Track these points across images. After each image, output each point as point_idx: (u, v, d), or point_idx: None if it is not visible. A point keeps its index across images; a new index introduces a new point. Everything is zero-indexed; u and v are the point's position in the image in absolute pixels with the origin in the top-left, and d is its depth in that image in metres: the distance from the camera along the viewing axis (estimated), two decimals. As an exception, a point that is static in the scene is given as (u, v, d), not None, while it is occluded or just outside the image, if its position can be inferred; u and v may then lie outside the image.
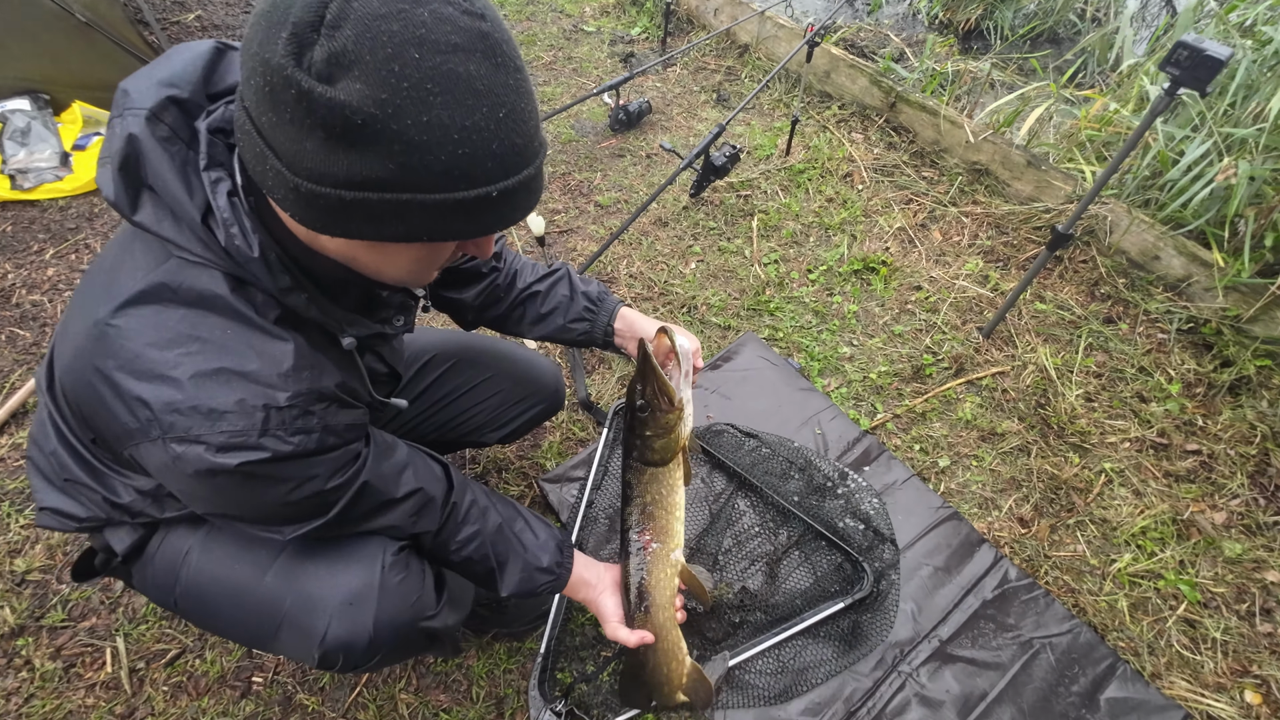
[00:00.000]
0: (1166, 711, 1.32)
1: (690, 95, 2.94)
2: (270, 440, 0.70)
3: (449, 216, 0.60)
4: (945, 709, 1.32)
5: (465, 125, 0.56)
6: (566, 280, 1.24)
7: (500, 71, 0.57)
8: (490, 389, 1.34)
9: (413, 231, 0.61)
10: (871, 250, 2.24)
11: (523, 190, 0.63)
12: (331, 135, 0.54)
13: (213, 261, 0.68)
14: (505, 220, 0.65)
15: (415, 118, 0.54)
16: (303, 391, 0.72)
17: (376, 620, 0.90)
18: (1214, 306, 1.96)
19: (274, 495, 0.75)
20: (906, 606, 1.46)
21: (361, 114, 0.53)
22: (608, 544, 1.54)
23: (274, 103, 0.55)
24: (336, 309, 0.77)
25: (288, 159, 0.57)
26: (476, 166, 0.58)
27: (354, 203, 0.58)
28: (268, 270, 0.69)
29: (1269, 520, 1.64)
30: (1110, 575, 1.55)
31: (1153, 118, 1.34)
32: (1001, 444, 1.77)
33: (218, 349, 0.68)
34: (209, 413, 0.67)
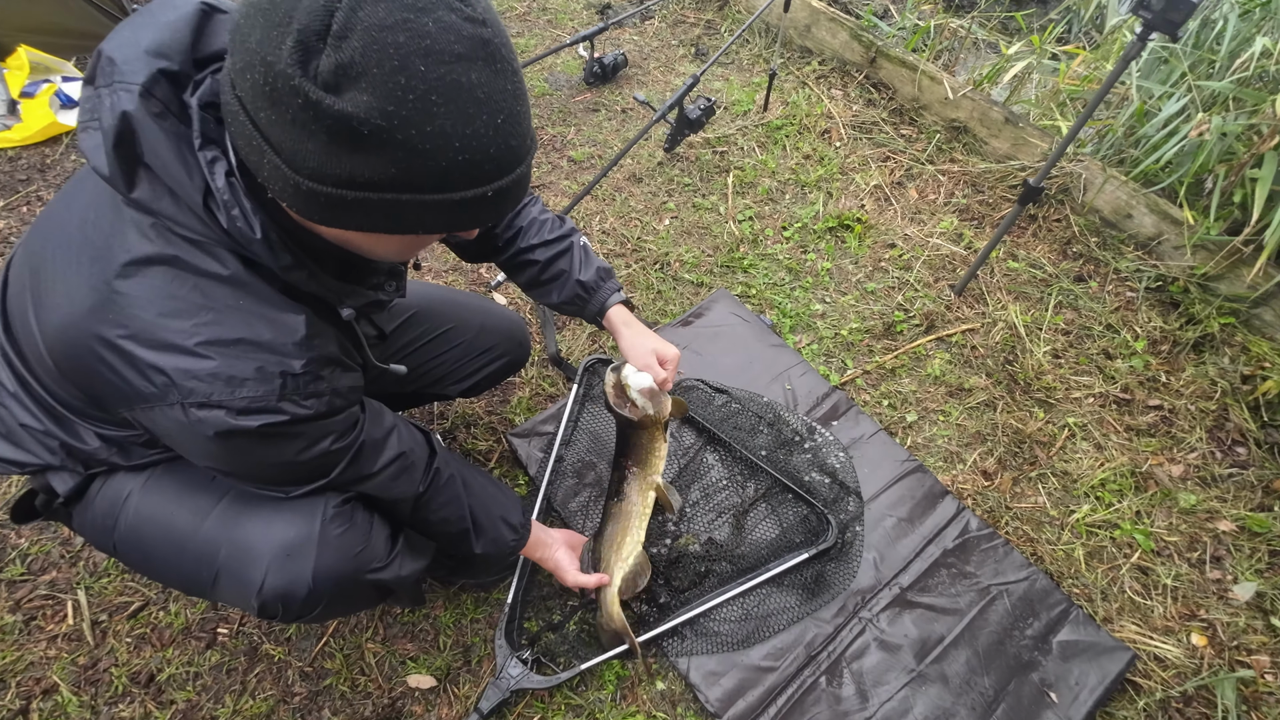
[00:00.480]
0: (1115, 653, 1.36)
1: (668, 49, 2.87)
2: (288, 404, 0.73)
3: (444, 213, 0.62)
4: (903, 652, 1.36)
5: (466, 133, 0.57)
6: (568, 256, 1.23)
7: (499, 77, 0.58)
8: (451, 340, 1.32)
9: (408, 226, 0.63)
10: (847, 208, 2.22)
11: (514, 187, 0.65)
12: (335, 140, 0.55)
13: (217, 240, 0.69)
14: (497, 214, 0.67)
15: (420, 127, 0.55)
16: (314, 358, 0.75)
17: (315, 572, 0.90)
18: (1182, 265, 1.98)
19: (286, 455, 0.78)
20: (869, 555, 1.48)
21: (368, 125, 0.54)
22: (575, 496, 1.55)
23: (274, 103, 0.55)
24: (334, 281, 0.78)
25: (287, 156, 0.57)
26: (474, 169, 0.60)
27: (354, 202, 0.59)
28: (270, 250, 0.69)
29: (1223, 473, 1.68)
30: (1069, 525, 1.58)
31: (1125, 64, 1.32)
32: (969, 399, 1.79)
33: (233, 319, 0.70)
34: (229, 379, 0.69)
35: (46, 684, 1.31)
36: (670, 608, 1.39)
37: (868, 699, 1.30)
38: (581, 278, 1.21)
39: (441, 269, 2.03)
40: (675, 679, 1.36)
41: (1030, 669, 1.34)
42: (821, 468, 1.59)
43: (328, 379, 0.77)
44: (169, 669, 1.33)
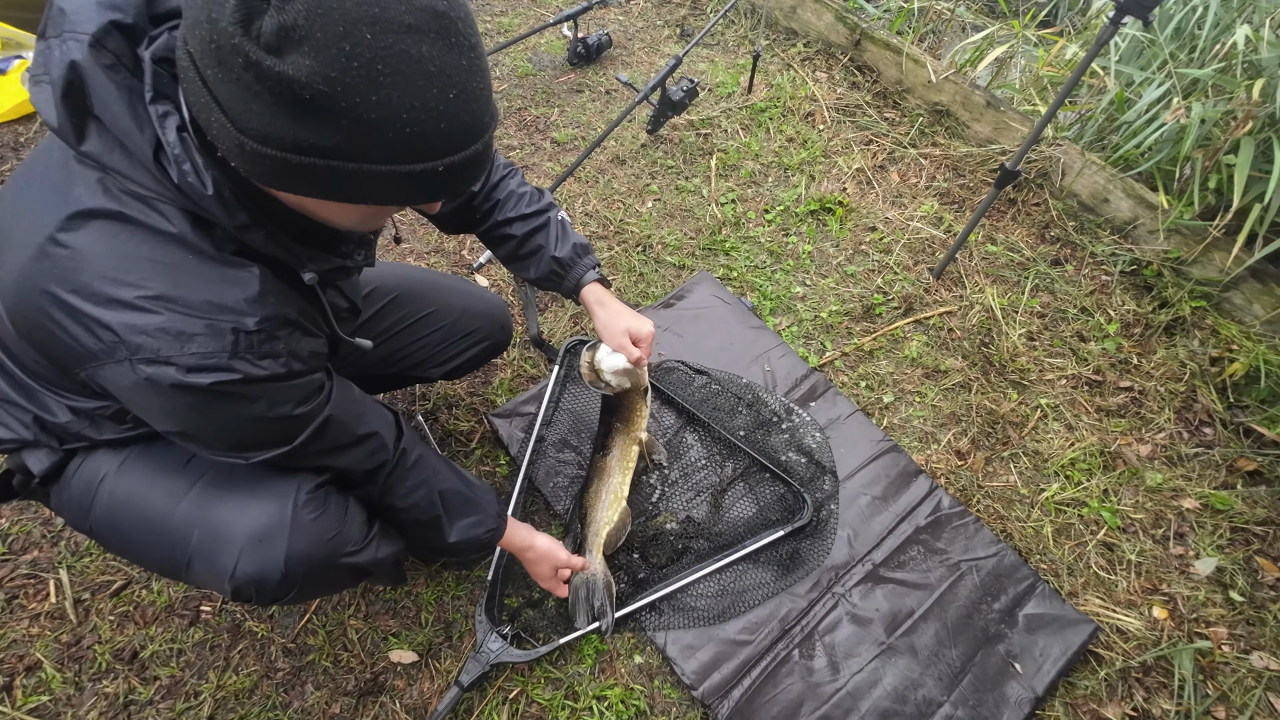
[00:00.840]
0: (1079, 625, 1.40)
1: (653, 30, 2.85)
2: (241, 363, 0.71)
3: (394, 186, 0.62)
4: (874, 625, 1.39)
5: (415, 105, 0.56)
6: (545, 232, 1.23)
7: (454, 52, 0.58)
8: (433, 323, 1.33)
9: (358, 195, 0.63)
10: (829, 191, 2.23)
11: (469, 164, 0.65)
12: (279, 103, 0.54)
13: (167, 197, 0.67)
14: (452, 191, 0.67)
15: (364, 96, 0.54)
16: (269, 316, 0.73)
17: (289, 556, 0.90)
18: (1156, 249, 2.01)
19: (242, 416, 0.76)
20: (844, 533, 1.51)
21: (310, 90, 0.53)
22: (556, 474, 1.57)
23: (220, 61, 0.54)
24: (295, 245, 0.76)
25: (233, 116, 0.57)
26: (424, 143, 0.59)
27: (300, 166, 0.58)
28: (223, 207, 0.68)
29: (1190, 452, 1.73)
30: (1038, 503, 1.62)
31: (1098, 47, 1.34)
32: (944, 381, 1.82)
33: (182, 275, 0.68)
34: (178, 335, 0.67)
35: (30, 661, 1.32)
36: (648, 583, 1.42)
37: (839, 671, 1.34)
38: (557, 254, 1.22)
39: (424, 250, 2.03)
40: (653, 652, 1.39)
41: (996, 641, 1.38)
42: (799, 448, 1.62)
43: (285, 340, 0.75)
44: (152, 646, 1.35)
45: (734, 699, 1.30)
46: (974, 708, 1.30)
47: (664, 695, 1.35)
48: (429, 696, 1.33)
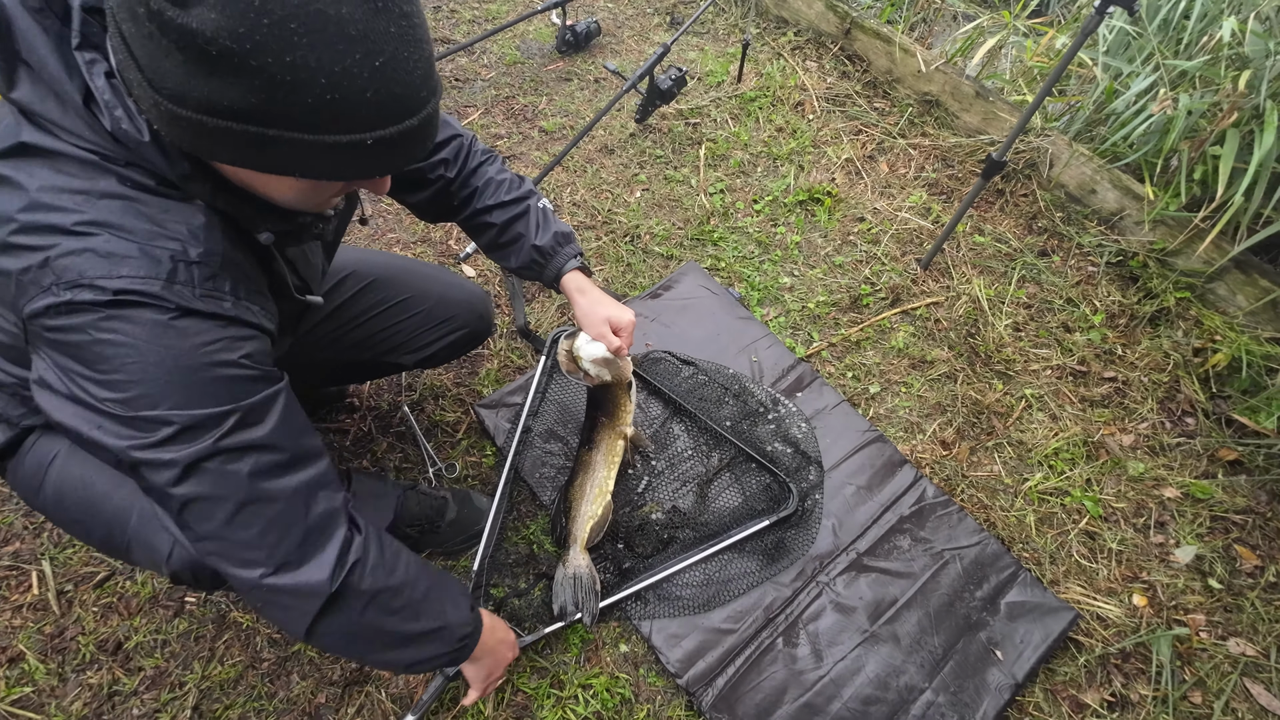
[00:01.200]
0: (1059, 612, 1.42)
1: (643, 17, 2.82)
2: (174, 292, 0.64)
3: (321, 157, 0.59)
4: (858, 614, 1.41)
5: (335, 70, 0.53)
6: (525, 220, 1.20)
7: (380, 17, 0.54)
8: (408, 309, 1.31)
9: (284, 166, 0.60)
10: (818, 181, 2.23)
11: (404, 139, 0.61)
12: (189, 60, 0.52)
13: (101, 149, 0.64)
14: (387, 166, 0.63)
15: (277, 56, 0.51)
16: (215, 252, 0.67)
17: None
18: (1142, 240, 2.02)
19: (163, 359, 0.66)
20: (828, 522, 1.52)
21: (216, 45, 0.50)
22: (543, 465, 1.57)
23: (131, 15, 0.52)
24: (248, 206, 0.72)
25: (149, 74, 0.55)
26: (348, 112, 0.56)
27: (217, 130, 0.55)
28: (163, 154, 0.64)
29: (1172, 442, 1.74)
30: (1022, 493, 1.64)
31: (1083, 38, 1.33)
32: (930, 371, 1.83)
33: (120, 200, 0.64)
34: (108, 255, 0.62)
35: (13, 652, 1.32)
36: (634, 572, 1.43)
37: (822, 658, 1.35)
38: (538, 242, 1.20)
39: (410, 240, 2.02)
40: (638, 641, 1.40)
41: (978, 628, 1.40)
42: (785, 438, 1.62)
43: (231, 283, 0.69)
44: (136, 637, 1.35)
45: (718, 687, 1.31)
46: (955, 694, 1.32)
47: (649, 683, 1.36)
48: (414, 686, 1.33)
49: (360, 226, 2.04)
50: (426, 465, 1.58)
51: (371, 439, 1.63)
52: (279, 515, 0.72)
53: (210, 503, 0.69)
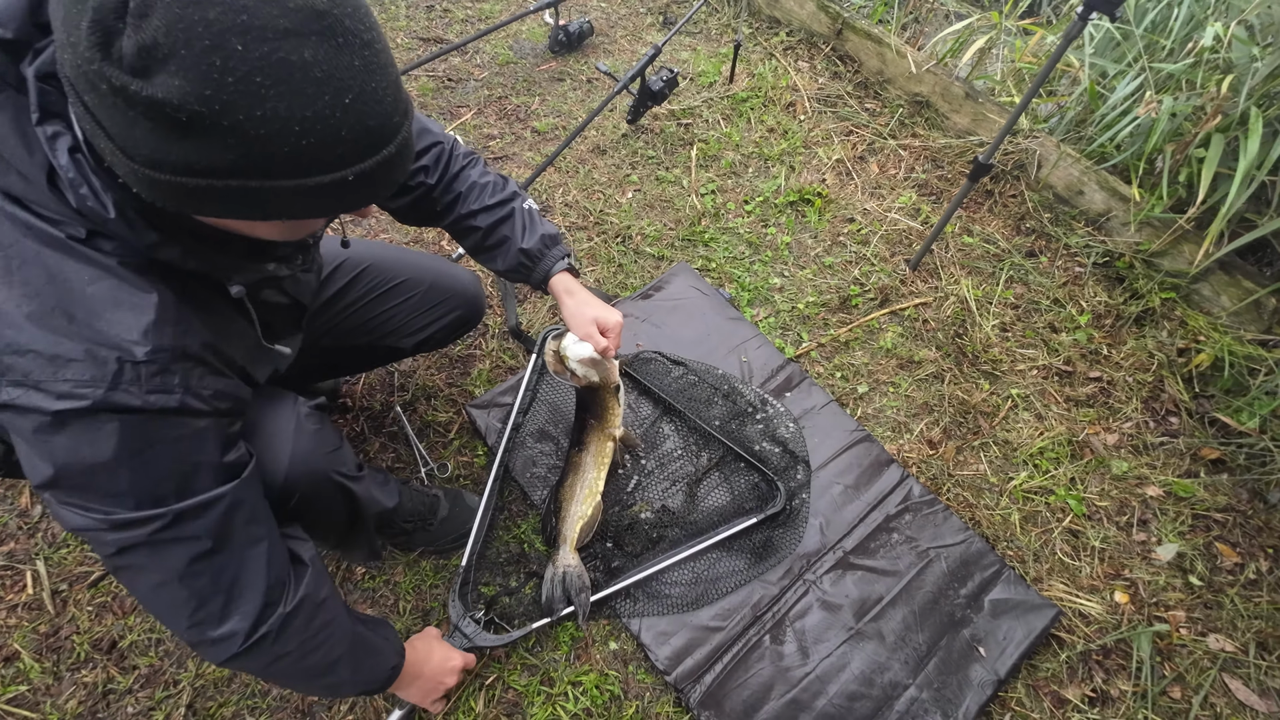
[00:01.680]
0: (1042, 610, 1.44)
1: (636, 17, 2.83)
2: (120, 394, 0.65)
3: (305, 200, 0.58)
4: (843, 611, 1.43)
5: (306, 116, 0.53)
6: (510, 223, 1.20)
7: (343, 53, 0.54)
8: (403, 293, 1.34)
9: (270, 213, 0.59)
10: (808, 182, 2.24)
11: (383, 169, 0.61)
12: (159, 127, 0.51)
13: (67, 216, 0.64)
14: (369, 198, 0.63)
15: (248, 112, 0.51)
16: (164, 348, 0.68)
17: (293, 457, 0.93)
18: (1129, 241, 2.04)
19: (114, 457, 0.68)
20: (815, 521, 1.54)
21: (185, 110, 0.50)
22: (534, 465, 1.58)
23: (91, 86, 0.51)
24: (223, 257, 0.73)
25: (120, 142, 0.54)
26: (326, 153, 0.56)
27: (198, 189, 0.55)
28: (129, 228, 0.64)
29: (1155, 441, 1.77)
30: (1007, 491, 1.66)
31: (1066, 42, 1.35)
32: (918, 371, 1.85)
33: (71, 293, 0.64)
34: (53, 358, 0.63)
35: (8, 651, 1.33)
36: (622, 571, 1.45)
37: (808, 655, 1.37)
38: (525, 245, 1.20)
39: (403, 241, 2.03)
40: (627, 639, 1.42)
41: (962, 625, 1.42)
42: (773, 438, 1.64)
43: (181, 374, 0.70)
44: (131, 635, 1.36)
45: (706, 683, 1.33)
46: (938, 690, 1.34)
47: (638, 680, 1.38)
48: (407, 683, 1.35)
49: (351, 226, 2.05)
50: (419, 465, 1.59)
51: (364, 439, 1.64)
52: (201, 590, 0.77)
53: (139, 572, 0.75)
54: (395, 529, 1.38)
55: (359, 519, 1.13)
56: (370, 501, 1.13)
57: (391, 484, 1.29)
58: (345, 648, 0.94)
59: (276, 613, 0.83)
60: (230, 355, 0.79)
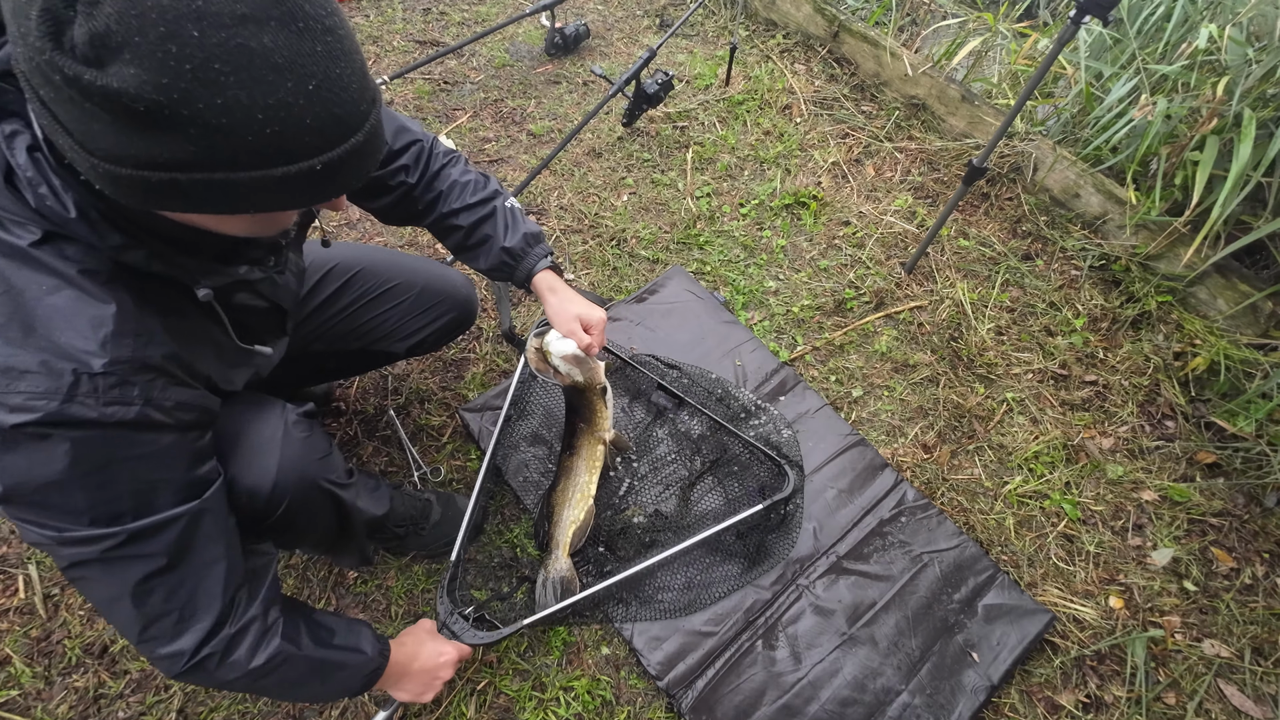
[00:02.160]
0: (1035, 615, 1.44)
1: (633, 20, 2.83)
2: (76, 407, 0.63)
3: (272, 191, 0.57)
4: (836, 616, 1.42)
5: (269, 104, 0.51)
6: (492, 221, 1.20)
7: (304, 39, 0.52)
8: (395, 297, 1.33)
9: (236, 206, 0.57)
10: (804, 185, 2.24)
11: (352, 158, 0.59)
12: (118, 120, 0.49)
13: (27, 217, 0.62)
14: (342, 186, 0.62)
15: (208, 101, 0.49)
16: (123, 359, 0.66)
17: (281, 466, 0.92)
18: (1125, 244, 2.03)
19: (70, 471, 0.67)
20: (809, 525, 1.54)
21: (143, 101, 0.48)
22: (526, 469, 1.58)
23: (45, 80, 0.49)
24: (190, 260, 0.71)
25: (79, 137, 0.52)
26: (292, 142, 0.54)
27: (162, 184, 0.53)
28: (92, 230, 0.63)
29: (1151, 445, 1.76)
30: (1001, 496, 1.65)
31: (1059, 46, 1.35)
32: (913, 375, 1.84)
33: (28, 303, 0.62)
34: (6, 370, 0.61)
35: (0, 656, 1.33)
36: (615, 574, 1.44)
37: (801, 661, 1.37)
38: (507, 244, 1.19)
39: (397, 244, 2.03)
40: (619, 644, 1.41)
41: (955, 631, 1.41)
42: (767, 442, 1.64)
43: (141, 386, 0.68)
44: (122, 640, 1.36)
45: (698, 689, 1.33)
46: (931, 695, 1.34)
47: (630, 685, 1.37)
48: (398, 688, 1.35)
49: (346, 230, 2.05)
50: (411, 469, 1.59)
51: (357, 442, 1.64)
52: (152, 607, 0.76)
53: (93, 584, 0.75)
54: (387, 534, 1.37)
55: (349, 525, 1.12)
56: (360, 508, 1.13)
57: (383, 489, 1.29)
58: (302, 669, 0.92)
59: (222, 633, 0.82)
60: (196, 364, 0.78)
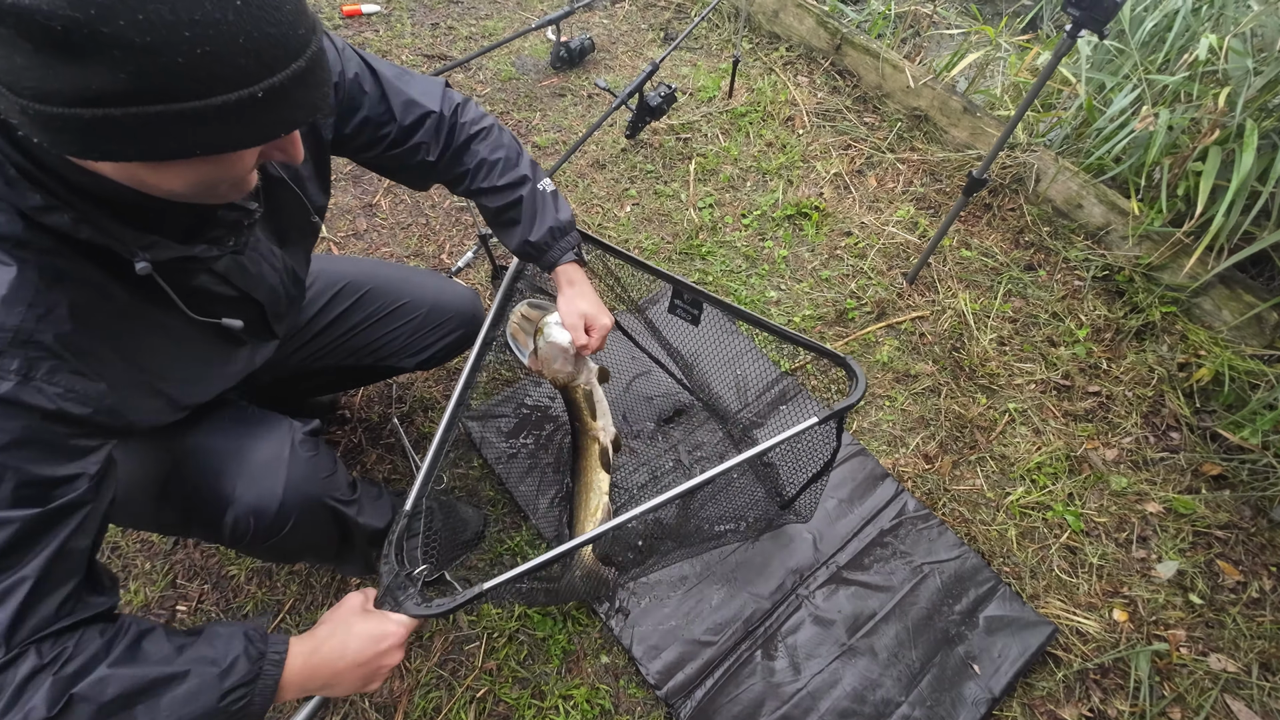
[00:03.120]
0: (1037, 627, 1.43)
1: (637, 33, 2.87)
2: None
3: (216, 125, 0.54)
4: (836, 627, 1.42)
5: (195, 19, 0.49)
6: (518, 209, 1.16)
7: None
8: (405, 315, 1.35)
9: (182, 147, 0.54)
10: (806, 196, 2.25)
11: (297, 86, 0.56)
12: (38, 48, 0.47)
13: None
14: (287, 121, 0.59)
15: (128, 17, 0.46)
16: (8, 327, 0.61)
17: (287, 485, 0.94)
18: (1128, 254, 2.03)
19: None
20: (809, 535, 1.54)
21: (59, 19, 0.45)
22: (526, 477, 1.59)
23: None
24: (127, 230, 0.65)
25: (4, 78, 0.50)
26: (226, 66, 0.51)
27: (96, 121, 0.50)
28: (9, 186, 0.59)
29: (1155, 456, 1.75)
30: (1003, 507, 1.65)
31: (1056, 59, 1.36)
32: (915, 385, 1.84)
33: None
34: None
35: (5, 660, 1.35)
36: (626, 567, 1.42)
37: (800, 671, 1.36)
38: (531, 238, 1.16)
39: (403, 254, 2.05)
40: (619, 653, 1.41)
41: (956, 642, 1.41)
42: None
43: (22, 360, 0.62)
44: (126, 645, 1.37)
45: (696, 699, 1.33)
46: (931, 708, 1.33)
47: (629, 695, 1.37)
48: (399, 695, 1.35)
49: (354, 240, 2.08)
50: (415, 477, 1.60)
51: (361, 450, 1.66)
52: None
53: None
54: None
55: (352, 538, 1.14)
56: (363, 523, 1.14)
57: (385, 499, 1.30)
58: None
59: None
60: (105, 356, 0.70)
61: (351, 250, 2.04)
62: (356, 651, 0.88)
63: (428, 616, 0.92)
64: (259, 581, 1.47)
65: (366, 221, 2.12)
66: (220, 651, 0.76)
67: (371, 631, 0.88)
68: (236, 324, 0.84)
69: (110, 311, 0.69)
